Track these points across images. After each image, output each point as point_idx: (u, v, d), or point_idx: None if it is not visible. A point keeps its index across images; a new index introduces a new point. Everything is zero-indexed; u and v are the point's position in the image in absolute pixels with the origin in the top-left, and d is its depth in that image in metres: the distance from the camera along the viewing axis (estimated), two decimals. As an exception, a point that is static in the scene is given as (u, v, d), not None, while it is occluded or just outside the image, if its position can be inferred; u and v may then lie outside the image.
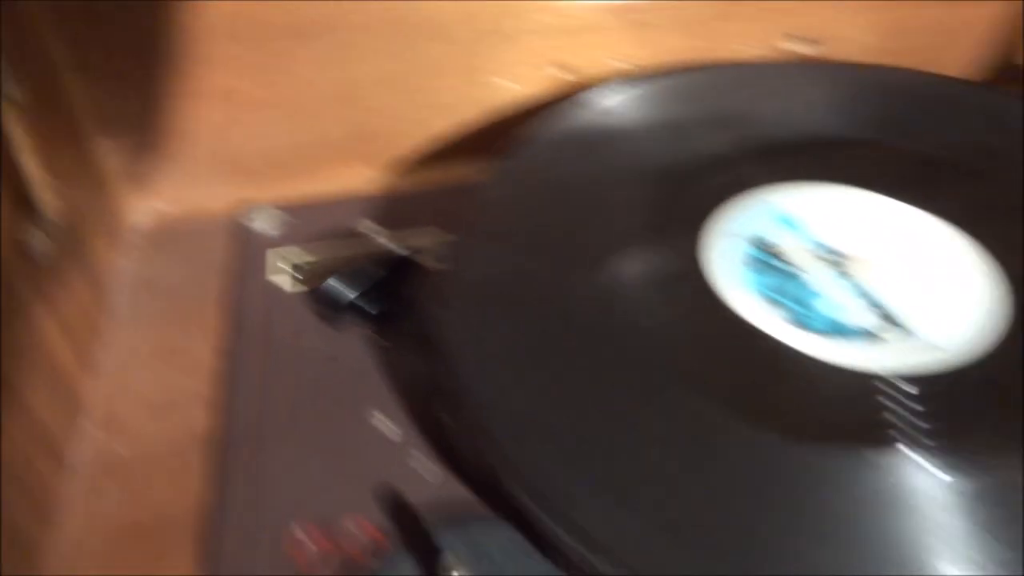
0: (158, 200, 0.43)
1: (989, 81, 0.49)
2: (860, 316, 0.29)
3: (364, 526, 0.28)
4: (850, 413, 0.26)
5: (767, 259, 0.31)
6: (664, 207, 0.33)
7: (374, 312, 0.34)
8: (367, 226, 0.38)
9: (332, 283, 0.34)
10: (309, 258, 0.38)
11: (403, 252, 0.35)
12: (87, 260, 0.37)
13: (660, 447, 0.26)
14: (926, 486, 0.24)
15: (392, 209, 0.41)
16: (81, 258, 0.37)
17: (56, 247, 0.34)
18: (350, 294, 0.33)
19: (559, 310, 0.30)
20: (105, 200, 0.41)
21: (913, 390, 0.26)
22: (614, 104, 0.38)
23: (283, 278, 0.37)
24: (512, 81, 0.44)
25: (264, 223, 0.40)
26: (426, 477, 0.29)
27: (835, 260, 0.31)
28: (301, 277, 0.37)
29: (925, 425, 0.25)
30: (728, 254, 0.31)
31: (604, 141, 0.37)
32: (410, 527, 0.28)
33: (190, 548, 0.29)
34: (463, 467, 0.29)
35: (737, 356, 0.28)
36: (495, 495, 0.27)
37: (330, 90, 0.42)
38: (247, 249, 0.39)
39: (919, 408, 0.26)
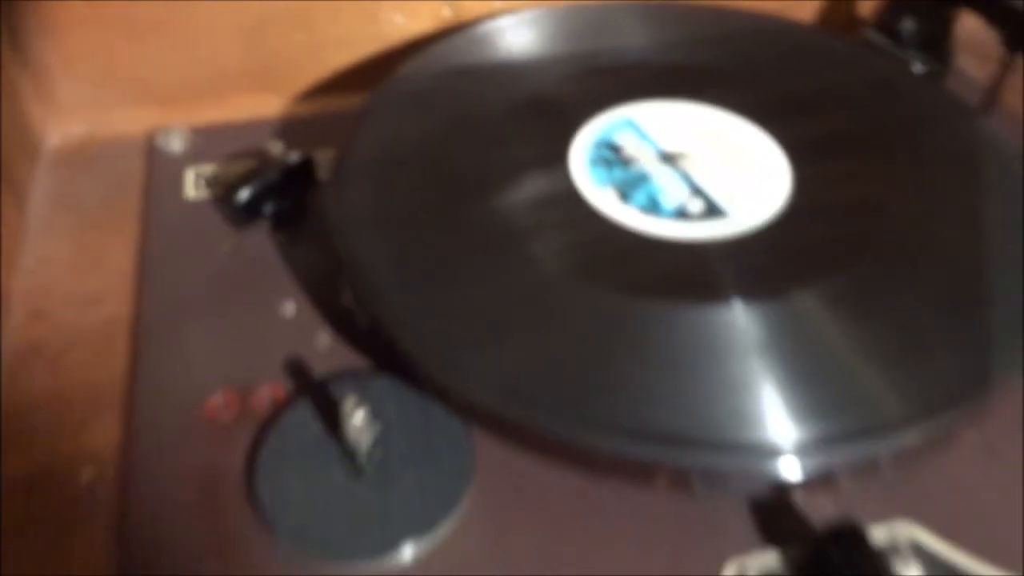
0: (72, 123, 0.46)
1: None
2: (686, 200, 0.35)
3: (274, 390, 0.33)
4: (680, 275, 0.32)
5: (616, 159, 0.37)
6: (532, 123, 0.39)
7: (273, 211, 0.38)
8: (270, 144, 0.42)
9: (236, 188, 0.38)
10: (217, 171, 0.42)
11: (297, 158, 0.39)
12: (9, 175, 0.40)
13: (523, 306, 0.31)
14: (743, 325, 0.30)
15: (293, 132, 0.45)
16: (3, 172, 0.40)
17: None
18: (249, 195, 0.38)
19: (437, 198, 0.35)
20: (20, 121, 0.44)
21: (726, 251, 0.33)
22: (491, 39, 0.43)
23: (192, 189, 0.41)
24: (405, 18, 0.48)
25: (175, 143, 0.44)
26: (322, 346, 0.34)
27: (669, 157, 0.37)
28: (209, 187, 0.41)
29: (740, 277, 0.32)
30: (584, 156, 0.37)
31: (480, 71, 0.42)
32: (313, 386, 0.33)
33: (116, 416, 0.33)
34: (357, 336, 0.34)
35: (586, 235, 0.33)
36: (384, 351, 0.33)
37: (236, 21, 0.46)
38: (160, 167, 0.43)
39: (734, 265, 0.32)
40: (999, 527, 0.29)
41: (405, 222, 0.34)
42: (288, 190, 0.39)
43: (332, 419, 0.31)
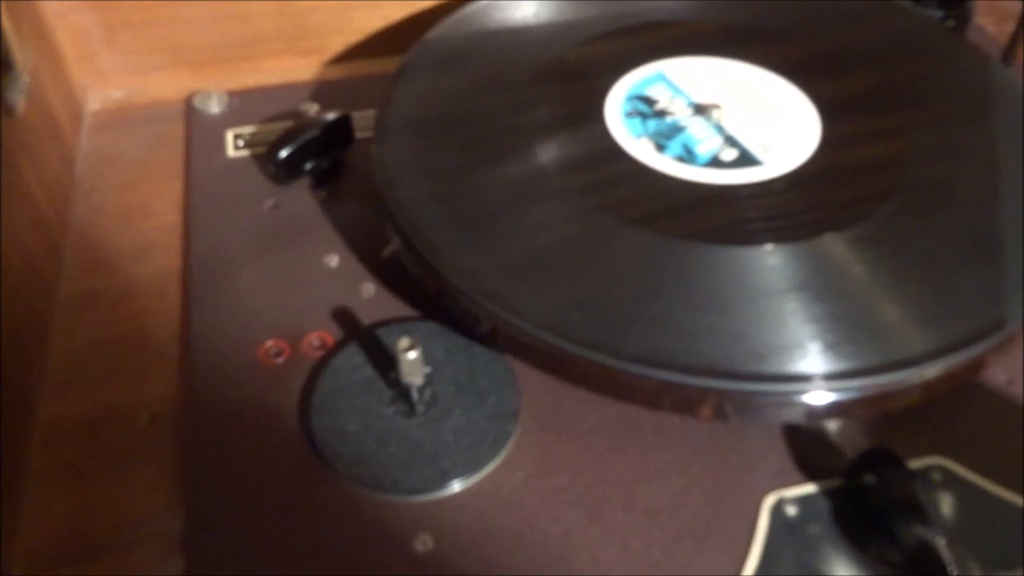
0: (112, 88, 0.47)
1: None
2: (720, 149, 0.36)
3: (323, 337, 0.34)
4: (715, 218, 0.33)
5: (650, 111, 0.37)
6: (565, 80, 0.39)
7: (311, 167, 0.39)
8: (306, 106, 0.43)
9: (278, 146, 0.39)
10: (256, 132, 0.43)
11: (335, 116, 0.40)
12: (58, 138, 0.42)
13: (568, 247, 0.32)
14: (775, 265, 0.32)
15: (326, 95, 0.46)
16: (51, 127, 0.41)
17: (29, 103, 0.38)
18: (289, 151, 0.39)
19: (478, 151, 0.36)
20: (64, 87, 0.45)
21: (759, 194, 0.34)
22: (517, 7, 0.44)
23: (231, 149, 0.42)
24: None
25: (213, 105, 0.45)
26: (366, 296, 0.35)
27: (701, 108, 0.38)
28: (249, 147, 0.42)
29: (772, 220, 0.33)
30: (619, 109, 0.37)
31: (511, 32, 0.43)
32: (361, 332, 0.34)
33: (171, 362, 0.34)
34: (399, 286, 0.35)
35: (625, 182, 0.34)
36: (426, 300, 0.34)
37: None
38: (200, 128, 0.44)
39: (766, 209, 0.33)
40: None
41: (448, 173, 0.35)
42: (327, 148, 0.40)
43: (382, 362, 0.32)
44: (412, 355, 0.30)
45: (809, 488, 0.29)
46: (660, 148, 0.35)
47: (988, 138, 0.37)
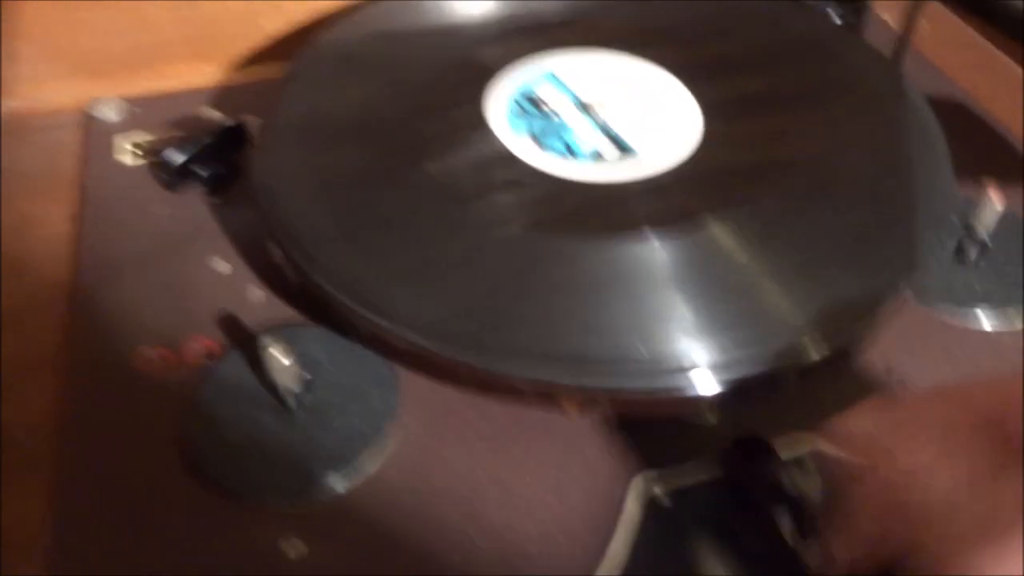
0: (11, 98, 0.46)
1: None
2: (601, 145, 0.36)
3: (204, 342, 0.34)
4: (595, 212, 0.34)
5: (535, 110, 0.38)
6: (451, 79, 0.39)
7: (206, 175, 0.39)
8: (204, 111, 0.43)
9: (167, 151, 0.39)
10: (150, 138, 0.42)
11: (230, 123, 0.40)
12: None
13: (443, 247, 0.33)
14: (658, 254, 0.32)
15: (229, 100, 0.45)
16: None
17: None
18: (182, 158, 0.38)
19: (357, 154, 0.36)
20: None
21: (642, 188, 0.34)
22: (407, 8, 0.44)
23: (127, 156, 0.42)
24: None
25: (110, 113, 0.44)
26: (254, 302, 0.35)
27: (586, 106, 0.38)
28: (141, 152, 0.42)
29: (651, 212, 0.33)
30: (504, 107, 0.38)
31: (401, 34, 0.42)
32: (244, 337, 0.34)
33: (54, 376, 0.34)
34: (288, 291, 0.35)
35: (502, 178, 0.35)
36: (313, 304, 0.34)
37: (167, -9, 0.46)
38: (95, 136, 0.43)
39: (645, 202, 0.34)
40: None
41: (327, 177, 0.35)
42: (221, 154, 0.40)
43: (263, 368, 0.32)
44: (283, 359, 0.30)
45: (682, 475, 0.30)
46: (541, 146, 0.35)
47: (868, 131, 0.37)
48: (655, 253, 0.31)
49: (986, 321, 0.35)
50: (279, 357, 0.29)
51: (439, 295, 0.31)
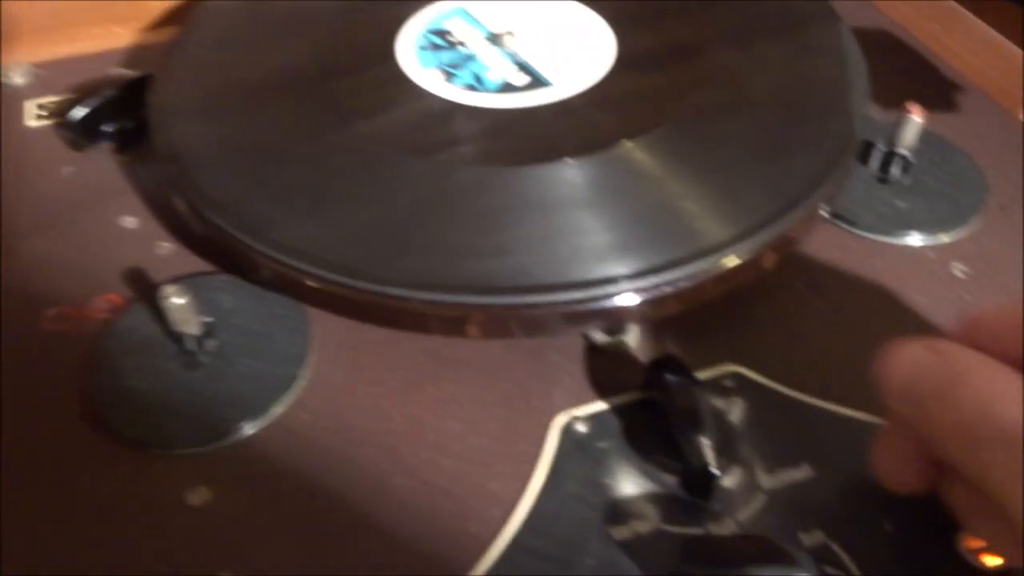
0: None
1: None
2: (511, 75, 0.35)
3: (111, 299, 0.33)
4: (506, 137, 0.33)
5: (444, 43, 0.37)
6: (357, 16, 0.38)
7: (112, 130, 0.38)
8: (113, 70, 0.42)
9: (72, 109, 0.37)
10: (60, 99, 0.41)
11: (134, 75, 0.38)
12: None
13: (346, 177, 0.32)
14: (568, 175, 0.31)
15: (141, 62, 0.44)
16: None
17: None
18: (84, 112, 0.37)
19: (258, 89, 0.35)
20: None
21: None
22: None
23: (34, 120, 0.40)
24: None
25: (19, 78, 0.43)
26: (163, 256, 0.34)
27: (495, 37, 0.37)
28: (47, 113, 0.40)
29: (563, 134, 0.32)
30: (413, 42, 0.37)
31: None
32: (146, 288, 0.32)
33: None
34: (197, 243, 0.34)
35: (409, 110, 0.34)
36: (215, 250, 0.33)
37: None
38: (4, 102, 0.42)
39: (556, 126, 0.33)
40: (824, 362, 0.30)
41: (224, 114, 0.34)
42: (128, 110, 0.38)
43: (164, 317, 0.31)
44: (178, 302, 0.28)
45: (601, 405, 0.29)
46: (449, 77, 0.34)
47: (785, 52, 0.37)
48: (565, 174, 0.31)
49: (911, 238, 0.34)
50: (177, 300, 0.28)
51: (342, 227, 0.30)
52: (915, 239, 0.34)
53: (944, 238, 0.34)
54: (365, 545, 0.26)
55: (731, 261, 0.29)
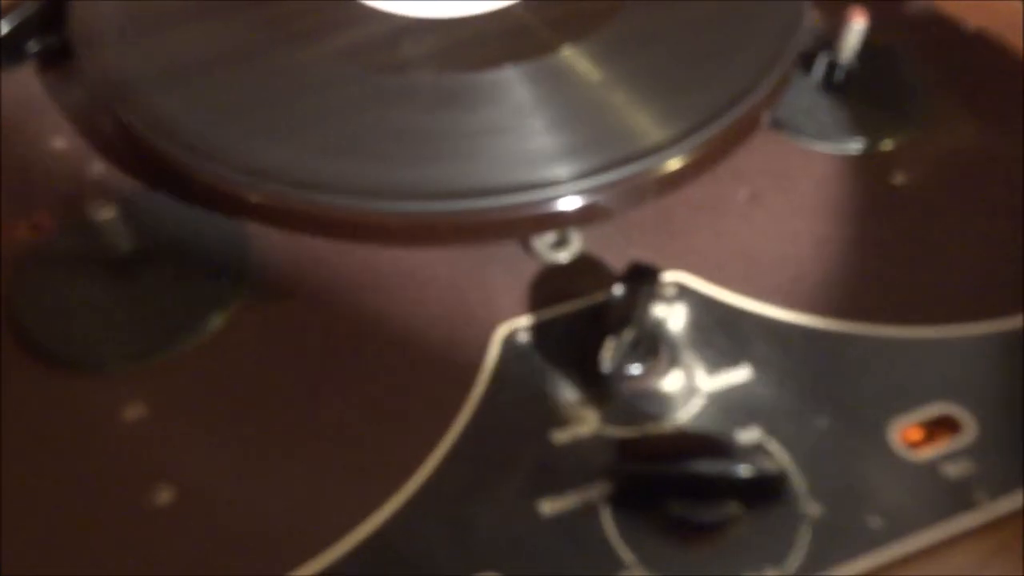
0: None
1: None
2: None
3: (39, 219, 0.32)
4: (449, 47, 0.32)
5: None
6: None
7: (37, 49, 0.36)
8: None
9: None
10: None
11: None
12: None
13: (287, 91, 0.31)
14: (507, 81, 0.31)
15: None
16: None
17: None
18: (6, 28, 0.35)
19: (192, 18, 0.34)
20: None
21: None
22: None
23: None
24: None
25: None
26: (95, 177, 0.33)
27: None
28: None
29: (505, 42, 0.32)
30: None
31: None
32: (75, 207, 0.31)
33: None
34: (129, 162, 0.33)
35: (349, 19, 0.33)
36: (149, 168, 0.32)
37: None
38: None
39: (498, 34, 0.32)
40: (765, 268, 0.31)
41: (151, 28, 0.33)
42: (51, 27, 0.37)
43: (95, 235, 0.30)
44: (107, 216, 0.28)
45: (542, 315, 0.29)
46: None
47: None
48: (505, 80, 0.30)
49: (852, 146, 0.34)
50: (106, 215, 0.28)
51: (278, 139, 0.29)
52: (856, 147, 0.34)
53: (885, 146, 0.34)
54: (302, 456, 0.26)
55: (671, 163, 0.29)
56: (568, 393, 0.27)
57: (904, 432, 0.26)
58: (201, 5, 0.34)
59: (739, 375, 0.28)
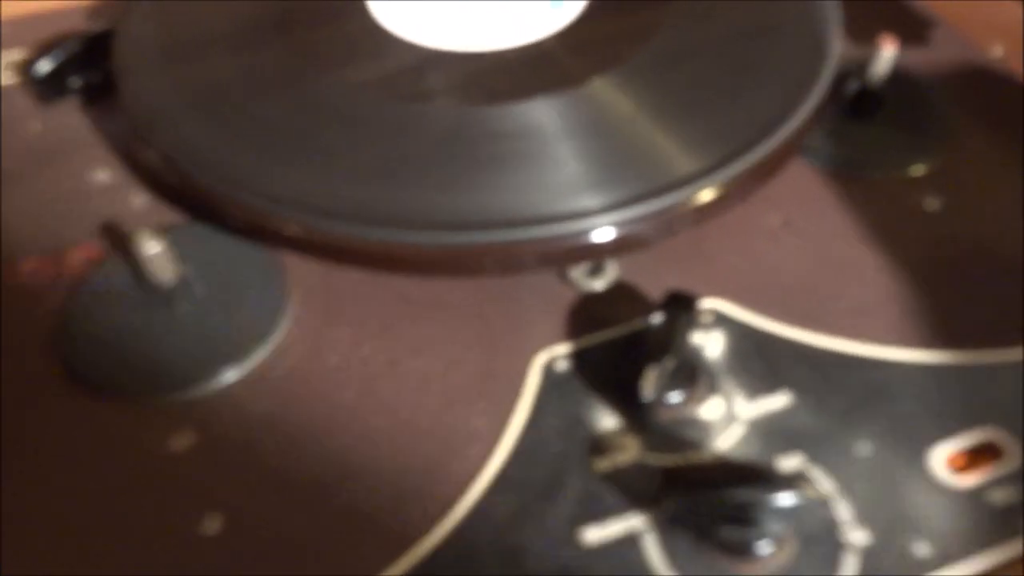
0: None
1: None
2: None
3: (87, 250, 0.32)
4: (481, 79, 0.33)
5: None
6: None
7: (80, 85, 0.37)
8: (89, 25, 0.41)
9: (35, 63, 0.37)
10: (28, 56, 0.40)
11: (100, 29, 0.38)
12: None
13: (320, 124, 0.32)
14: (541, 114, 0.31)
15: (110, 14, 0.43)
16: None
17: None
18: (50, 67, 0.36)
19: (220, 38, 0.34)
20: None
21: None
22: None
23: (3, 78, 0.40)
24: None
25: (-21, 35, 0.42)
26: (138, 209, 0.34)
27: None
28: (11, 72, 0.39)
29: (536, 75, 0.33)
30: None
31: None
32: (120, 239, 0.32)
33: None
34: (172, 195, 0.34)
35: (380, 53, 0.33)
36: (191, 201, 0.33)
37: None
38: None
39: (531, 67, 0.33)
40: (800, 293, 0.31)
41: (188, 64, 0.33)
42: (93, 63, 0.38)
43: (140, 267, 0.31)
44: (154, 250, 0.28)
45: (580, 343, 0.29)
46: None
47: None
48: (537, 112, 0.31)
49: (882, 172, 0.34)
50: (152, 248, 0.28)
51: (315, 172, 0.30)
52: (886, 173, 0.34)
53: (916, 171, 0.34)
54: (350, 485, 0.26)
55: (704, 194, 0.29)
56: (608, 421, 0.27)
57: (948, 459, 0.26)
58: (237, 37, 0.34)
59: (778, 401, 0.28)
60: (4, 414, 0.28)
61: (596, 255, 0.30)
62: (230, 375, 0.28)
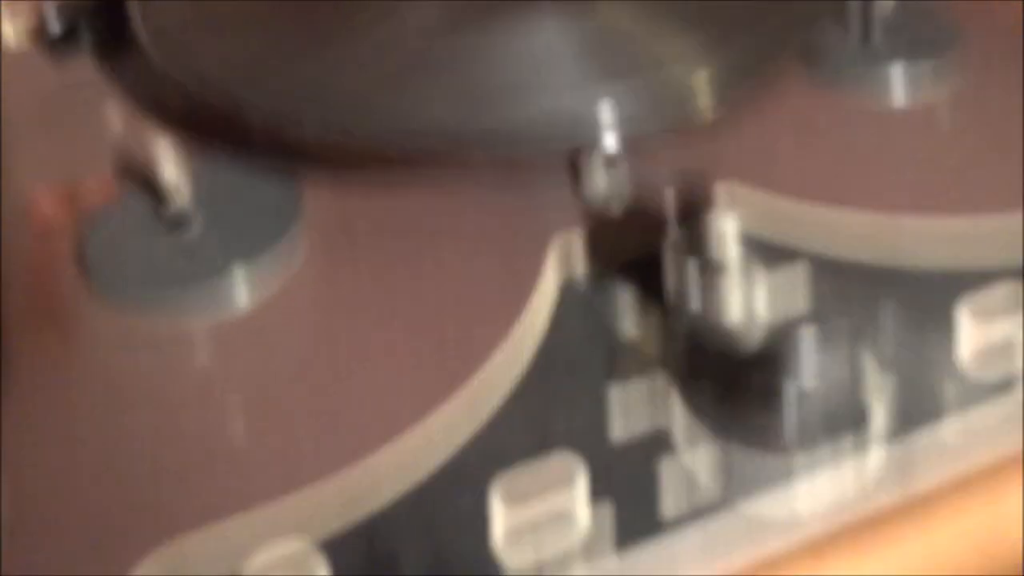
0: None
1: None
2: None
3: (104, 183, 0.33)
4: None
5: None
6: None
7: (95, 38, 0.38)
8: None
9: (48, 17, 0.37)
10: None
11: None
12: None
13: (334, 27, 0.33)
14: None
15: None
16: None
17: None
18: (63, 21, 0.37)
19: None
20: None
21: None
22: None
23: (10, 27, 0.40)
24: None
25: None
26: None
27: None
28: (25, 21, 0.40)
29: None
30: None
31: None
32: (141, 173, 0.32)
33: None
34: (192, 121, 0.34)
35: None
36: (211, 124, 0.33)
37: None
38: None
39: None
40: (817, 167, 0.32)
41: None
42: (107, 12, 0.38)
43: (160, 194, 0.31)
44: (170, 156, 0.29)
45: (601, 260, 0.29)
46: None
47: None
48: (550, 24, 0.32)
49: (894, 99, 0.35)
50: (164, 153, 0.29)
51: (334, 85, 0.31)
52: (894, 98, 0.35)
53: (924, 97, 0.35)
54: (375, 403, 0.26)
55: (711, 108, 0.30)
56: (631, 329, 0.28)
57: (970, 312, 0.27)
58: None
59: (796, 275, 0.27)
60: (32, 333, 0.28)
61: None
62: (245, 299, 0.29)
